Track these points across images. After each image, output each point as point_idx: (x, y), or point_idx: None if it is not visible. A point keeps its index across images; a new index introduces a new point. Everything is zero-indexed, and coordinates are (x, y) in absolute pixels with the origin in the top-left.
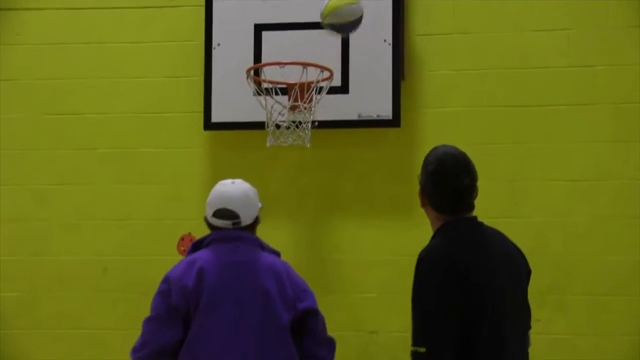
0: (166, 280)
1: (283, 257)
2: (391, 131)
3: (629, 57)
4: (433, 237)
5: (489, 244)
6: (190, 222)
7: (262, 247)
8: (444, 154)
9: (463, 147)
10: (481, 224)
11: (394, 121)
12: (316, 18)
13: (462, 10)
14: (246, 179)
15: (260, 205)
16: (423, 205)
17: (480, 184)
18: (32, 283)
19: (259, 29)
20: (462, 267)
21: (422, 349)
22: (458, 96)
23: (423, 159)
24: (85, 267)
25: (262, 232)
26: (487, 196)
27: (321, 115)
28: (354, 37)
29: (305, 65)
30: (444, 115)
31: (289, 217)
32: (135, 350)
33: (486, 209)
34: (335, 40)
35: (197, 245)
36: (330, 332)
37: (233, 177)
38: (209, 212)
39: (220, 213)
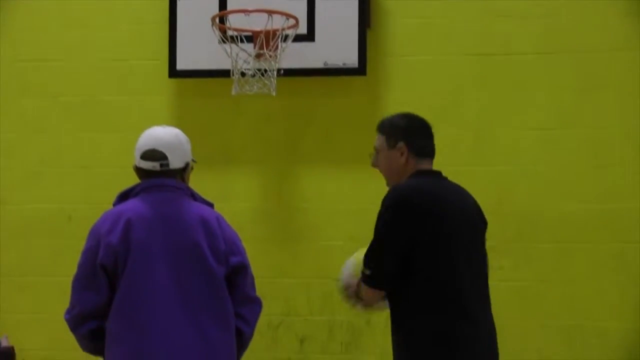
0: (92, 235)
1: (249, 207)
2: (357, 79)
3: (594, 6)
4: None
5: (447, 192)
6: None
7: (194, 197)
8: (408, 114)
9: (429, 96)
10: (445, 177)
11: (360, 69)
12: None
13: None
14: (210, 127)
15: (192, 157)
16: (398, 155)
17: (446, 132)
18: None
19: None
20: (418, 207)
21: (367, 271)
22: (424, 44)
23: (388, 107)
24: (49, 216)
25: (228, 180)
26: (453, 144)
27: (287, 63)
28: None
29: (270, 12)
30: (410, 64)
31: (255, 165)
32: (67, 312)
33: (452, 157)
34: None
35: (124, 195)
36: (296, 279)
37: (198, 126)
38: (137, 156)
39: (148, 154)
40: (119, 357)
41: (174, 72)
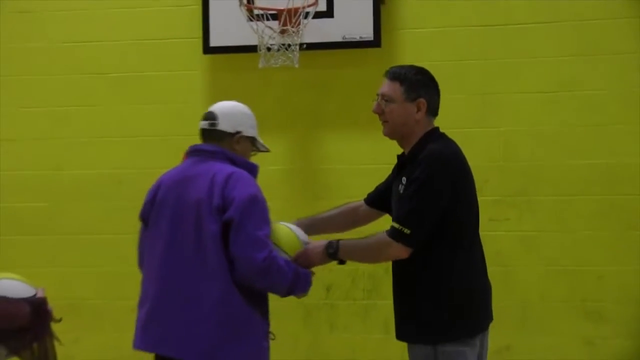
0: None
1: (278, 168)
2: (372, 51)
3: None
4: (429, 138)
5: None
6: (193, 138)
7: (234, 161)
8: (424, 68)
9: (437, 64)
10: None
11: (375, 42)
12: None
13: None
14: (241, 98)
15: (246, 131)
16: (415, 110)
17: (455, 97)
18: (53, 195)
19: None
20: (462, 169)
21: (407, 230)
22: (432, 18)
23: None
24: (101, 180)
25: None
26: (461, 108)
27: (308, 37)
28: None
29: None
30: (420, 36)
31: (281, 132)
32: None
33: (460, 120)
34: None
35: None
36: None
37: (230, 97)
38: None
39: (204, 116)
40: (141, 296)
41: (207, 49)
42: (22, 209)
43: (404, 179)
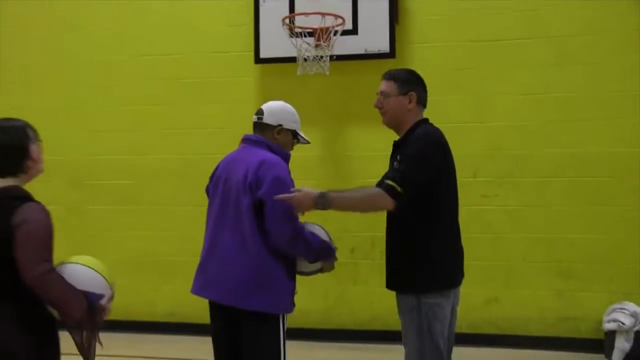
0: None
1: (314, 155)
2: (388, 61)
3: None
4: (418, 125)
5: None
6: (246, 129)
7: (271, 148)
8: (413, 70)
9: (441, 72)
10: None
11: (391, 54)
12: None
13: None
14: (283, 99)
15: (287, 125)
16: (406, 101)
17: (454, 97)
18: (138, 174)
19: None
20: (446, 148)
21: (399, 188)
22: (437, 35)
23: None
24: (173, 163)
25: None
26: (460, 107)
27: (337, 50)
28: None
29: (324, 14)
30: (427, 48)
31: (316, 126)
32: None
33: (459, 117)
34: None
35: None
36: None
37: (276, 98)
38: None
39: (256, 111)
40: (203, 247)
41: (258, 60)
42: (113, 186)
43: (398, 157)
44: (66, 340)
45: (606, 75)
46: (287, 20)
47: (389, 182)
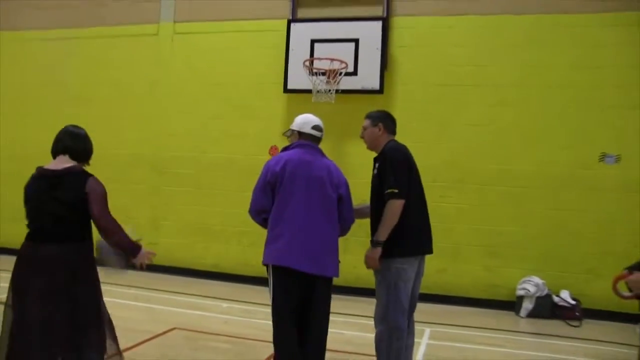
0: (265, 166)
1: None
2: (378, 96)
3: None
4: (387, 144)
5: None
6: (274, 140)
7: (322, 154)
8: (382, 110)
9: (415, 105)
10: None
11: (380, 91)
12: (342, 36)
13: (421, 35)
14: None
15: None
16: (377, 130)
17: (423, 124)
18: (199, 166)
19: (313, 41)
20: (408, 156)
21: (395, 190)
22: (414, 79)
23: (394, 111)
24: (222, 160)
25: None
26: (427, 131)
27: (343, 86)
28: (361, 45)
29: (332, 59)
30: (407, 89)
31: (326, 140)
32: (249, 209)
33: (425, 138)
34: (351, 46)
35: (285, 149)
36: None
37: (296, 115)
38: (307, 126)
39: (318, 127)
40: (278, 233)
41: (285, 90)
42: (181, 174)
43: (375, 166)
44: None
45: (530, 114)
46: (307, 63)
47: (389, 190)
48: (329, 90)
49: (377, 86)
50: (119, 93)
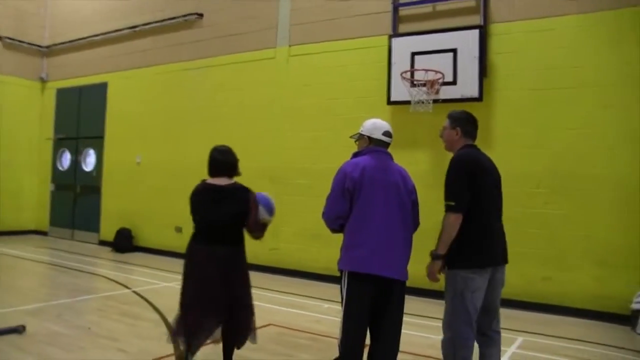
0: (341, 172)
1: (423, 169)
2: (477, 104)
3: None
4: (460, 150)
5: (484, 158)
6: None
7: (392, 159)
8: (465, 111)
9: (514, 111)
10: (479, 149)
11: (479, 98)
12: (440, 47)
13: (519, 39)
14: (403, 128)
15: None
16: (454, 133)
17: (523, 130)
18: (310, 177)
19: (413, 54)
20: (473, 165)
21: (452, 202)
22: (514, 85)
23: (491, 116)
24: (332, 171)
25: (410, 154)
26: (527, 137)
27: (442, 95)
28: (460, 54)
29: (426, 70)
30: (507, 96)
31: (425, 146)
32: (323, 214)
33: (527, 143)
34: (450, 56)
35: (357, 154)
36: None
37: (401, 127)
38: (378, 132)
39: (389, 134)
40: (359, 239)
41: (389, 102)
42: (296, 184)
43: None
44: None
45: (635, 115)
46: (404, 75)
47: (445, 203)
48: (427, 101)
49: (476, 94)
50: (242, 112)
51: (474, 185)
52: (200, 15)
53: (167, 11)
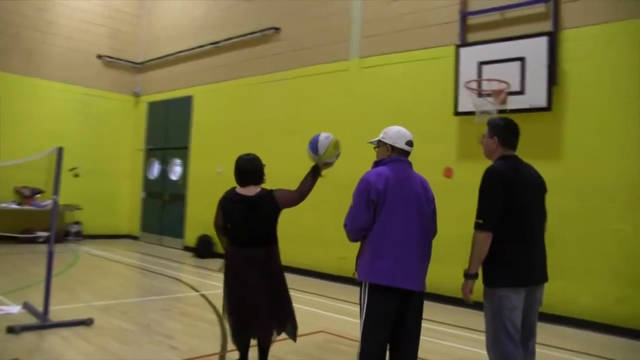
0: (364, 183)
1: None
2: (546, 114)
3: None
4: (496, 160)
5: (519, 169)
6: (447, 162)
7: (412, 167)
8: (506, 119)
9: (585, 120)
10: (520, 159)
11: (548, 108)
12: (508, 56)
13: (592, 45)
14: (468, 137)
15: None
16: (492, 142)
17: (596, 139)
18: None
19: (480, 63)
20: (507, 179)
21: (480, 220)
22: (586, 93)
23: (561, 126)
24: (342, 178)
25: (476, 164)
26: (599, 146)
27: (510, 105)
28: (528, 62)
29: (489, 80)
30: (579, 105)
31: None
32: (345, 225)
33: (598, 153)
34: (517, 65)
35: (378, 163)
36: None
37: (466, 137)
38: (401, 141)
39: (410, 143)
40: (382, 251)
41: (456, 113)
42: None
43: None
44: None
45: None
46: (469, 85)
47: (475, 220)
48: (493, 111)
49: (544, 103)
50: (316, 123)
51: (507, 199)
52: (278, 29)
53: (247, 26)
